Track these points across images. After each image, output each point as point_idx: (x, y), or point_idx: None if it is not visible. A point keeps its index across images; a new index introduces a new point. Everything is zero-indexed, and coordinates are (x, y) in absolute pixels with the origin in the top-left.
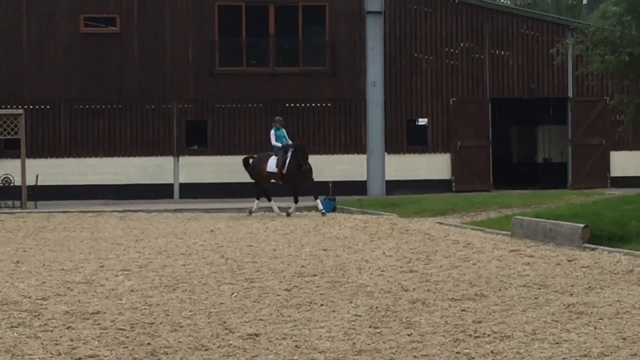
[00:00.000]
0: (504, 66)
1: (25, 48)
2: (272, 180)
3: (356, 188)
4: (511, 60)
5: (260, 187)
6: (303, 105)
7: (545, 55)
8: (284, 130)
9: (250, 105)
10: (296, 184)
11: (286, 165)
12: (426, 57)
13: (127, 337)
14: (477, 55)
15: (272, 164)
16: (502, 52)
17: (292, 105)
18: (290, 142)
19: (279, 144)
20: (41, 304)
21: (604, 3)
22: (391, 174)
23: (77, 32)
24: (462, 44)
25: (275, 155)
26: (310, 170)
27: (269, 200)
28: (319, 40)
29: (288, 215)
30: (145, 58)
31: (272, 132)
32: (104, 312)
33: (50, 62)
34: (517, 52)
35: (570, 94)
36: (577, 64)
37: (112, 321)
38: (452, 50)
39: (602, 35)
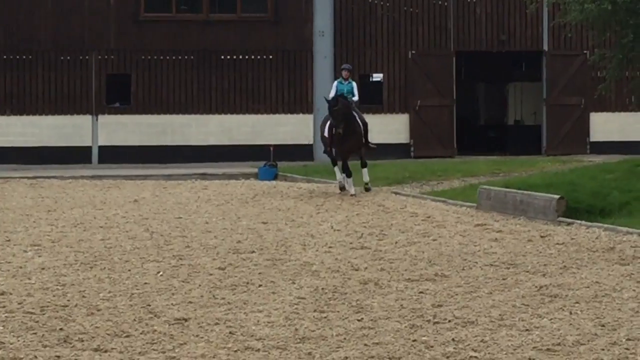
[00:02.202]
0: (470, 15)
1: None
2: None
3: (301, 152)
4: (479, 8)
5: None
6: (241, 57)
7: (517, 2)
8: (353, 84)
9: (180, 57)
10: (342, 152)
11: (327, 128)
12: (382, 3)
13: (37, 321)
14: (440, 2)
15: (326, 127)
16: None
17: (229, 57)
18: (355, 98)
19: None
20: None
21: None
22: None
23: None
24: None
25: None
26: (357, 133)
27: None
28: None
29: (352, 195)
30: (60, 2)
31: (335, 84)
32: (10, 293)
33: None
34: None
35: (545, 47)
36: (553, 13)
37: (19, 303)
38: None
39: None
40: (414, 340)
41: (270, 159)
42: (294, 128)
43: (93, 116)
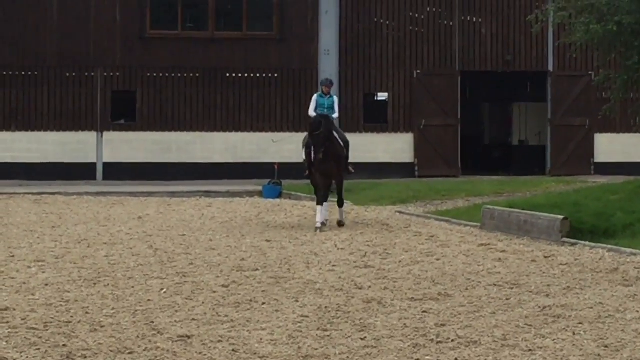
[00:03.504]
0: (475, 35)
1: None
2: None
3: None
4: (484, 28)
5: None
6: (246, 75)
7: (522, 23)
8: (334, 99)
9: (185, 75)
10: (321, 177)
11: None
12: (388, 22)
13: (40, 337)
14: (445, 22)
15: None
16: (474, 19)
17: (234, 75)
18: (335, 115)
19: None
20: None
21: None
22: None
23: None
24: (428, 9)
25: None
26: (339, 157)
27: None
28: (265, 1)
29: (339, 224)
30: (65, 19)
31: (314, 98)
32: (14, 309)
33: None
34: (491, 19)
35: (550, 68)
36: (558, 34)
37: (22, 319)
38: (417, 15)
39: (587, 2)
40: None
41: (275, 177)
42: (298, 146)
43: (98, 133)
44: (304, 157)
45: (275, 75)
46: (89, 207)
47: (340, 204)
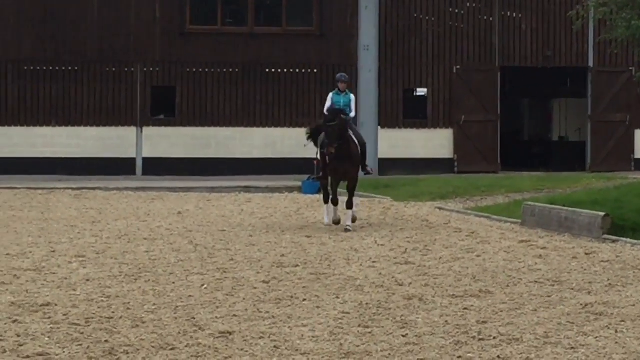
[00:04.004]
0: (515, 30)
1: None
2: None
3: None
4: (524, 24)
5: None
6: (285, 71)
7: (563, 18)
8: (350, 97)
9: (225, 70)
10: (332, 176)
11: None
12: (427, 18)
13: (82, 333)
14: (485, 17)
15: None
16: (514, 14)
17: (273, 70)
18: (352, 114)
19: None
20: None
21: None
22: (385, 151)
23: None
24: (468, 4)
25: None
26: (353, 158)
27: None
28: None
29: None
30: (106, 14)
31: (330, 96)
32: (56, 304)
33: None
34: (531, 15)
35: (590, 64)
36: (599, 30)
37: (64, 315)
38: (457, 10)
39: None
40: (459, 357)
41: (315, 173)
42: None
43: (137, 128)
44: (317, 157)
45: (315, 70)
46: (128, 202)
47: (349, 205)
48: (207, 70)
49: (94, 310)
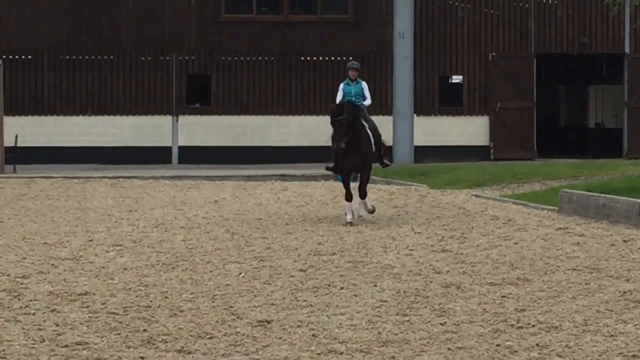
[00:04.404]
0: (551, 17)
1: None
2: None
3: None
4: (560, 10)
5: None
6: (320, 58)
7: (599, 4)
8: (362, 84)
9: (260, 58)
10: (345, 170)
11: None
12: (462, 5)
13: (120, 322)
14: (521, 4)
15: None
16: (550, 1)
17: (308, 58)
18: (367, 102)
19: None
20: (22, 283)
21: None
22: (421, 139)
23: None
24: None
25: None
26: (365, 151)
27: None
28: None
29: (354, 218)
30: (142, 2)
31: (341, 87)
32: (93, 293)
33: (32, 6)
34: (567, 1)
35: (627, 50)
36: (635, 16)
37: (102, 304)
38: None
39: None
40: (497, 345)
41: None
42: None
43: (173, 117)
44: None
45: (350, 58)
46: (165, 191)
47: (363, 195)
48: (242, 58)
49: (131, 299)
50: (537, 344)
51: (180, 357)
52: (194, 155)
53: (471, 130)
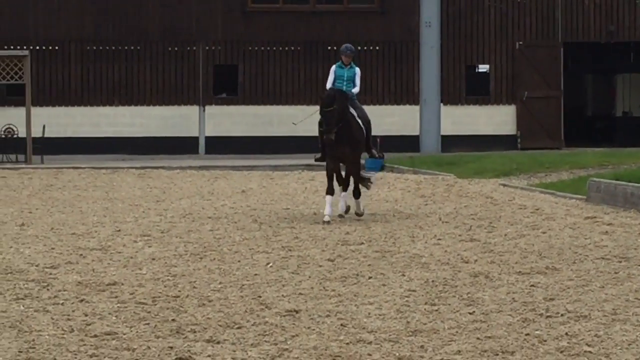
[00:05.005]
0: (578, 5)
1: None
2: None
3: (408, 144)
4: None
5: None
6: None
7: None
8: (355, 70)
9: (287, 48)
10: (333, 162)
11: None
12: None
13: (149, 312)
14: None
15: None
16: None
17: (335, 48)
18: (356, 89)
19: None
20: (50, 273)
21: None
22: (448, 128)
23: None
24: None
25: None
26: (355, 141)
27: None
28: None
29: (341, 215)
30: None
31: (332, 69)
32: (122, 283)
33: None
34: None
35: None
36: None
37: (131, 294)
38: None
39: None
40: (527, 334)
41: (377, 150)
42: (400, 119)
43: (200, 107)
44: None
45: (377, 47)
46: (192, 181)
47: (357, 194)
48: (269, 48)
49: (160, 289)
50: (566, 333)
51: (209, 347)
52: (220, 146)
53: (498, 119)
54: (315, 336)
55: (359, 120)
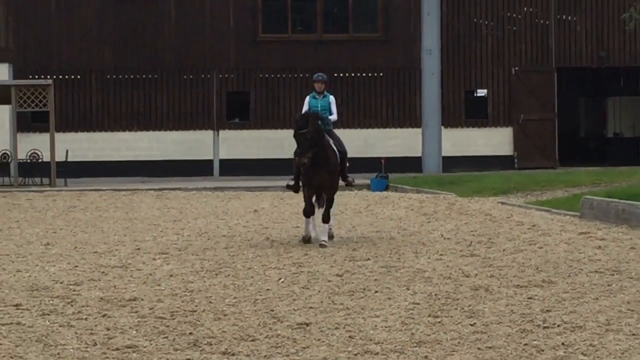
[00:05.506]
0: (571, 32)
1: (54, 14)
2: None
3: (410, 164)
4: (579, 26)
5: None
6: (353, 75)
7: (616, 20)
8: (329, 98)
9: (295, 75)
10: (308, 188)
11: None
12: (486, 22)
13: (168, 326)
14: (542, 21)
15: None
16: (569, 17)
17: (341, 75)
18: (333, 117)
19: None
20: (74, 290)
21: None
22: (448, 150)
23: None
24: (525, 9)
25: None
26: (331, 167)
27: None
28: (370, 4)
29: (320, 246)
30: (183, 24)
31: (306, 100)
32: (142, 299)
33: (81, 28)
34: (586, 17)
35: None
36: None
37: (150, 309)
38: (514, 15)
39: None
40: (525, 345)
41: (382, 171)
42: (403, 141)
43: (214, 131)
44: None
45: (381, 74)
46: (207, 201)
47: (326, 219)
48: (278, 75)
49: (178, 304)
50: (563, 343)
51: (224, 359)
52: (234, 168)
53: (496, 140)
54: (325, 348)
55: (334, 148)
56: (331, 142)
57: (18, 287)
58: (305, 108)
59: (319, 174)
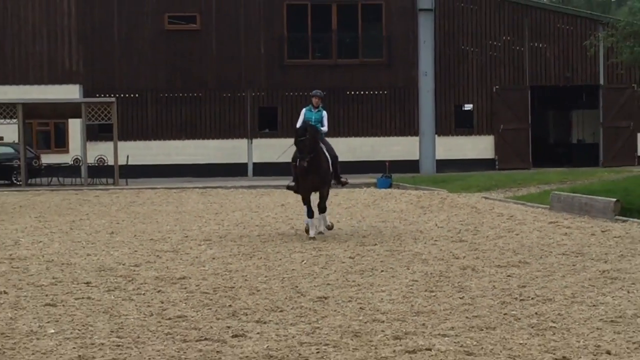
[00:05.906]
0: (542, 57)
1: (117, 44)
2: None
3: (410, 166)
4: (548, 52)
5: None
6: (362, 92)
7: (579, 47)
8: (322, 112)
9: None
10: (304, 189)
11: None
12: (472, 49)
13: (211, 299)
14: (517, 48)
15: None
16: (540, 45)
17: (353, 92)
18: (324, 128)
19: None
20: (134, 270)
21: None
22: (441, 154)
23: (162, 29)
24: (504, 38)
25: None
26: (323, 169)
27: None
28: (376, 35)
29: (316, 233)
30: (222, 52)
31: (302, 112)
32: (190, 278)
33: (138, 56)
34: (554, 45)
35: (601, 82)
36: (608, 55)
37: (197, 285)
38: (495, 43)
39: (631, 29)
40: (505, 314)
41: (386, 172)
42: (403, 147)
43: (248, 140)
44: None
45: (385, 92)
46: (243, 197)
47: (322, 210)
48: (301, 93)
49: (219, 282)
50: (536, 313)
51: (257, 326)
52: (265, 170)
53: (480, 146)
54: (340, 317)
55: (327, 154)
56: (324, 148)
57: (88, 268)
58: (301, 119)
59: (313, 177)
